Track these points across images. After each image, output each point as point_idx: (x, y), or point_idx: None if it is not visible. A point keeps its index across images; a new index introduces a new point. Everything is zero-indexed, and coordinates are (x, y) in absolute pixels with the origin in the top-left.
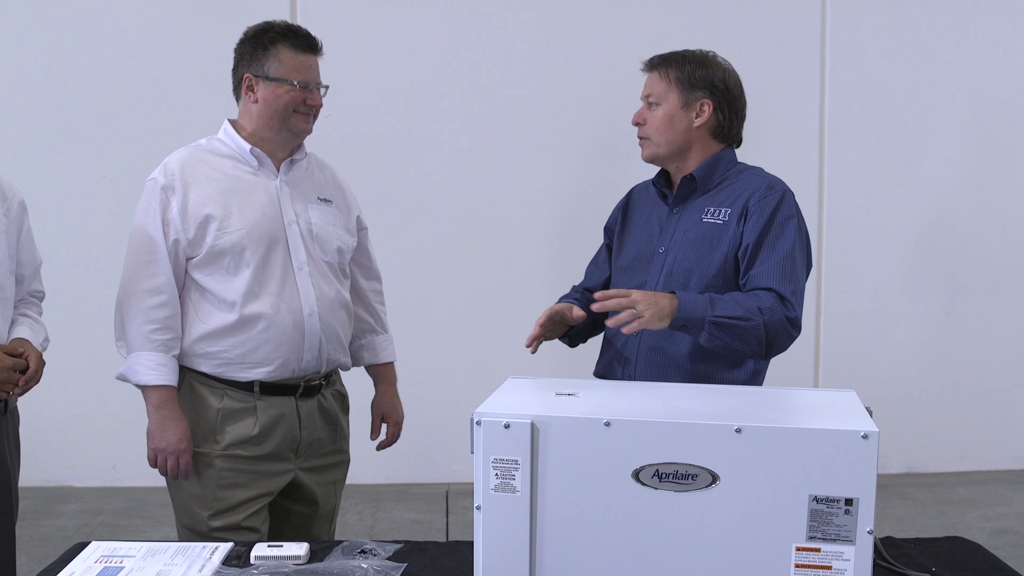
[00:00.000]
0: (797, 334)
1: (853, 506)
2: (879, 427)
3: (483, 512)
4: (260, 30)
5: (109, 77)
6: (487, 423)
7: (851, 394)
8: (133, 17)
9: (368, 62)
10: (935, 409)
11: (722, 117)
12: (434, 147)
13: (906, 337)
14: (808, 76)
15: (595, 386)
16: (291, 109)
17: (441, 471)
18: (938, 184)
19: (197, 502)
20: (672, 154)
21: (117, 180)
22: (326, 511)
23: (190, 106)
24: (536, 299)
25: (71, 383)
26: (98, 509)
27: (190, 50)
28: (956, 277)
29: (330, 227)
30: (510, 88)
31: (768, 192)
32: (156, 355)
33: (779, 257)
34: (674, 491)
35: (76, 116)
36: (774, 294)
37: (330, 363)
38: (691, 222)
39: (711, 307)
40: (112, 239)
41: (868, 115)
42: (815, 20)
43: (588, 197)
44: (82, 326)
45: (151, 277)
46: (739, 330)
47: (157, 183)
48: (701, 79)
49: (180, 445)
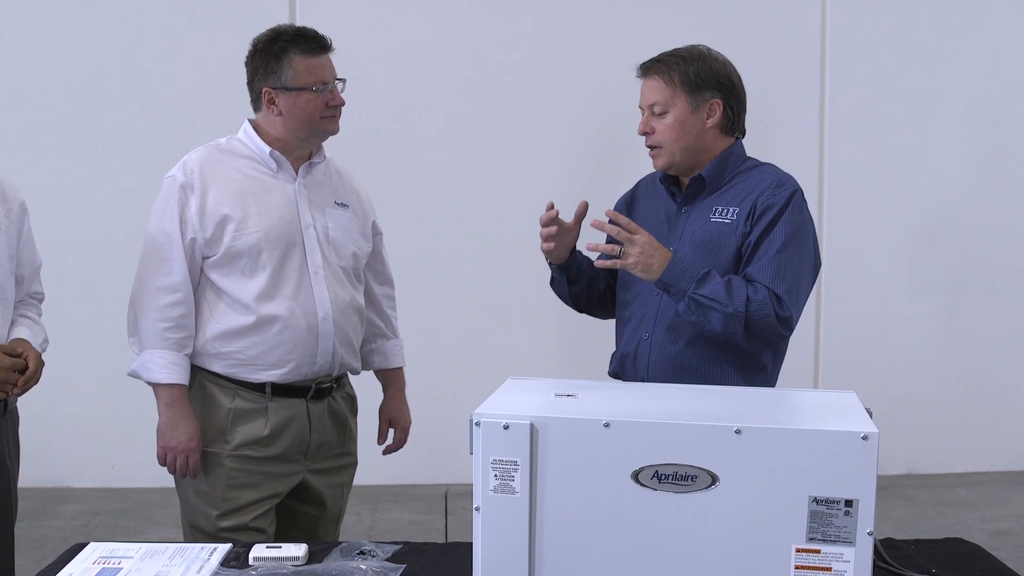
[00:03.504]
0: (788, 334)
1: (853, 507)
2: (879, 428)
3: (482, 513)
4: (269, 40)
5: (109, 77)
6: (486, 424)
7: (851, 395)
8: (133, 17)
9: (367, 62)
10: (935, 410)
11: (731, 112)
12: (432, 148)
13: (907, 337)
14: (808, 72)
15: (594, 387)
16: (317, 116)
17: (440, 472)
18: (940, 182)
19: (206, 501)
20: (688, 160)
21: (117, 181)
22: (333, 513)
23: (191, 106)
24: (535, 299)
25: (70, 383)
26: (96, 510)
27: (190, 50)
28: (957, 277)
29: (346, 232)
30: (510, 87)
31: (777, 190)
32: (169, 353)
33: (772, 254)
34: (674, 492)
35: (76, 117)
36: (769, 291)
37: (342, 367)
38: (700, 222)
39: (697, 283)
40: (112, 240)
41: (869, 111)
42: (815, 14)
43: (590, 197)
44: (82, 327)
45: (166, 275)
46: (715, 313)
47: (176, 181)
48: (707, 78)
49: (190, 444)
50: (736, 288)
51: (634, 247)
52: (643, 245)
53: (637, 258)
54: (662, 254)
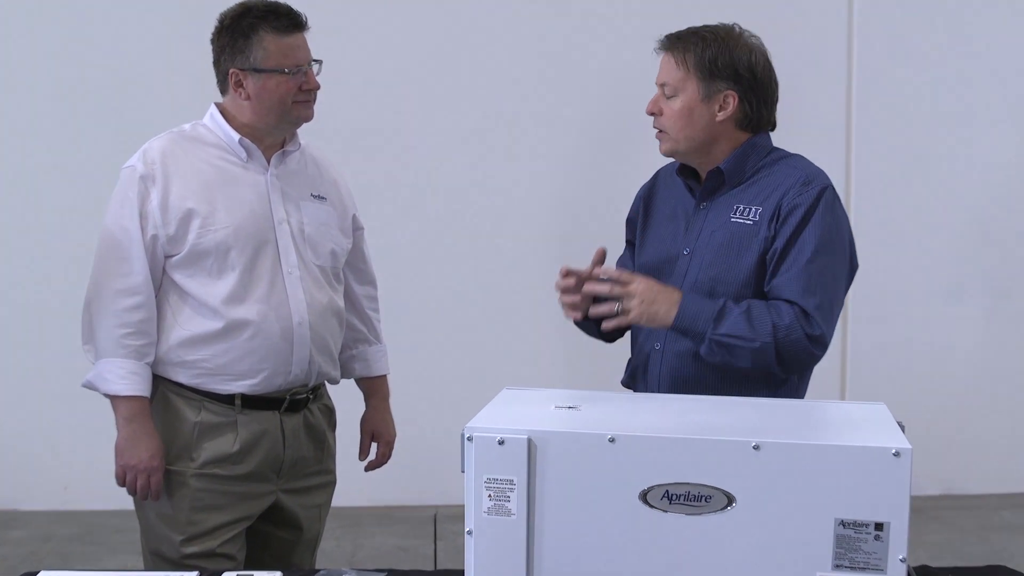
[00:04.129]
0: (821, 353)
1: (884, 531)
2: (912, 443)
3: (475, 537)
4: (237, 16)
5: (64, 60)
6: (479, 439)
7: (881, 407)
8: (96, 3)
9: (356, 49)
10: (975, 423)
11: (749, 107)
12: (423, 141)
13: (943, 344)
14: (833, 58)
15: (598, 398)
16: (289, 100)
17: (429, 492)
18: (980, 175)
19: (168, 525)
20: (693, 150)
21: (73, 174)
22: (310, 537)
23: (157, 93)
24: (534, 305)
25: (18, 395)
26: (48, 535)
27: (157, 32)
28: (999, 278)
29: (324, 227)
30: (512, 69)
31: (804, 188)
32: (128, 362)
33: (802, 264)
34: (685, 514)
35: (26, 105)
36: (796, 308)
37: (319, 376)
38: (719, 221)
39: (715, 323)
40: (65, 239)
41: (900, 100)
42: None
43: (592, 197)
44: (31, 333)
45: (125, 276)
46: (741, 351)
47: (135, 171)
48: (723, 67)
49: (152, 463)
50: (758, 317)
51: (632, 299)
52: (641, 294)
53: (639, 310)
54: (666, 297)
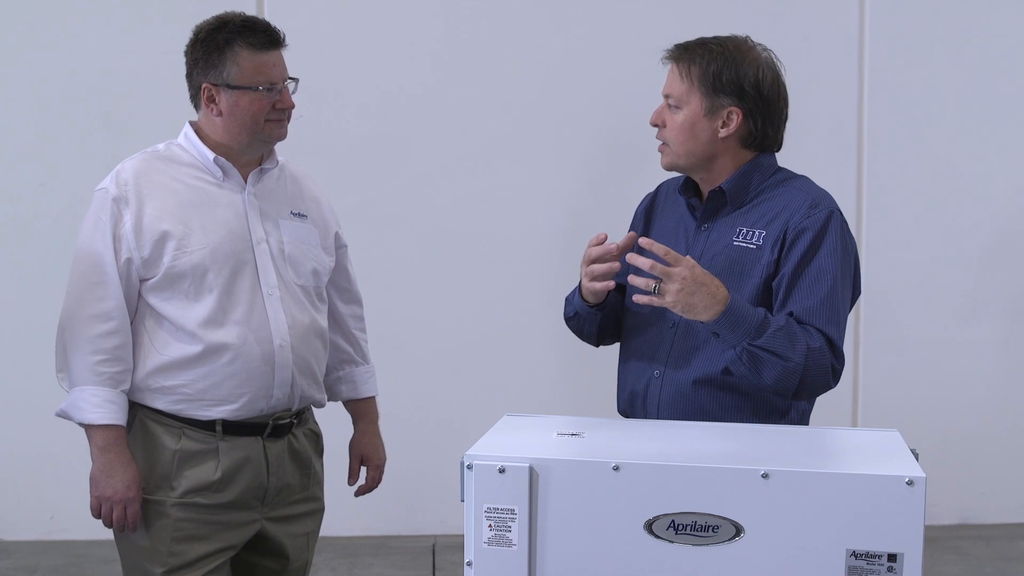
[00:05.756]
0: (834, 385)
1: (897, 562)
2: (927, 472)
3: (475, 569)
4: (212, 29)
5: (48, 73)
6: (479, 467)
7: (894, 434)
8: (78, 5)
9: (345, 55)
10: (992, 450)
11: (754, 125)
12: (417, 153)
13: (958, 368)
14: (844, 68)
15: (602, 425)
16: (261, 119)
17: (427, 522)
18: (997, 191)
19: (149, 557)
20: (694, 165)
21: (56, 190)
22: (297, 567)
23: (141, 107)
24: (536, 326)
25: (2, 424)
26: (33, 566)
27: (142, 44)
28: (1017, 299)
29: (304, 246)
30: (509, 79)
31: (811, 211)
32: (103, 390)
33: (825, 292)
34: (692, 545)
35: (9, 118)
36: (824, 336)
37: (303, 400)
38: (720, 245)
39: (757, 332)
40: (50, 257)
41: (913, 118)
42: (852, 4)
43: (594, 219)
44: (13, 358)
45: (99, 301)
46: (772, 367)
47: (108, 194)
48: (728, 82)
49: (128, 493)
50: (796, 336)
51: (672, 283)
52: (683, 281)
53: (676, 296)
54: (709, 292)
